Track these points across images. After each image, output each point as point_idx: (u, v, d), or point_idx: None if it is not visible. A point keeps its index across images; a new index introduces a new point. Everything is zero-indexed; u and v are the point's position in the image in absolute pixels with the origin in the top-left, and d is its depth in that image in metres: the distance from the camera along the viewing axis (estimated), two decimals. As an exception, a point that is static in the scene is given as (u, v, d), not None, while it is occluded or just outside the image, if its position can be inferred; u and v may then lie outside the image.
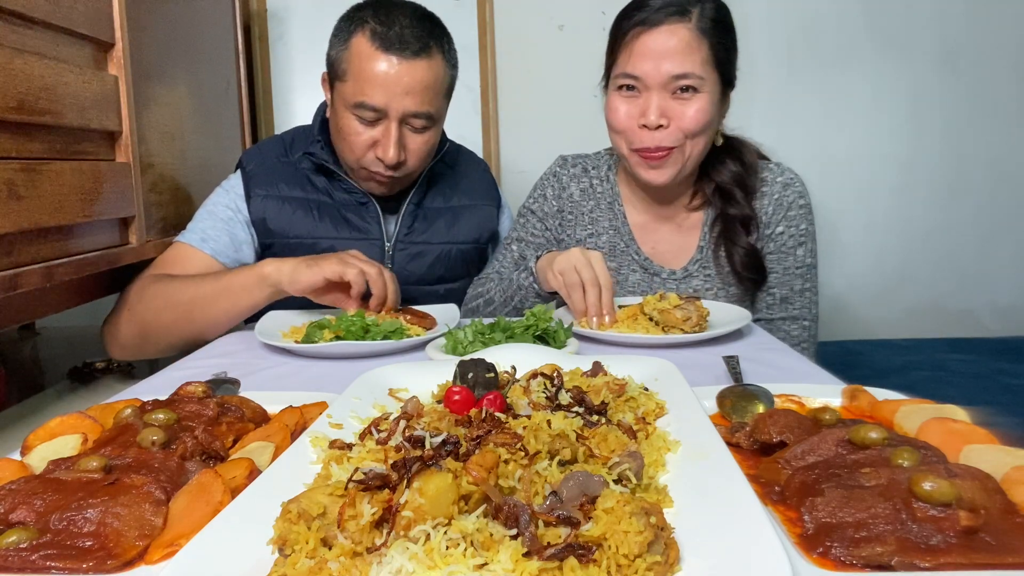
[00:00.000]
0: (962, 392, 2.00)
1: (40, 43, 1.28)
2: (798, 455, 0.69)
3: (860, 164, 2.88)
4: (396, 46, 1.48)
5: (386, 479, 0.57)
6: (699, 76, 1.45)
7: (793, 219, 1.59)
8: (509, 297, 1.55)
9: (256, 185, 1.65)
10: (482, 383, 0.80)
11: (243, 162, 1.70)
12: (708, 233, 1.62)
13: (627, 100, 1.51)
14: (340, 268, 1.36)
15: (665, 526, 0.54)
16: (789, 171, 1.63)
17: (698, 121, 1.47)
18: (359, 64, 1.49)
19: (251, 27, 2.67)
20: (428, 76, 1.51)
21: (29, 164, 1.22)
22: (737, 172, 1.59)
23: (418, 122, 1.54)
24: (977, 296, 2.95)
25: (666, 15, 1.45)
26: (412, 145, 1.57)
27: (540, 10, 2.78)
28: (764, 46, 2.78)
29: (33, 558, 0.56)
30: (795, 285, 1.60)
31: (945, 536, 0.53)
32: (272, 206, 1.63)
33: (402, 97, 1.49)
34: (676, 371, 0.90)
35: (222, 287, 1.42)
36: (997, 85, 2.83)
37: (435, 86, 1.53)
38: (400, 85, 1.48)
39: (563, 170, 1.75)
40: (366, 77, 1.48)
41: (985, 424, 0.73)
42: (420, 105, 1.51)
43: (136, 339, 1.51)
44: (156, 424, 0.77)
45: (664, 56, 1.44)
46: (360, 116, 1.51)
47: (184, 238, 1.61)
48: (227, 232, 1.62)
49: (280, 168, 1.67)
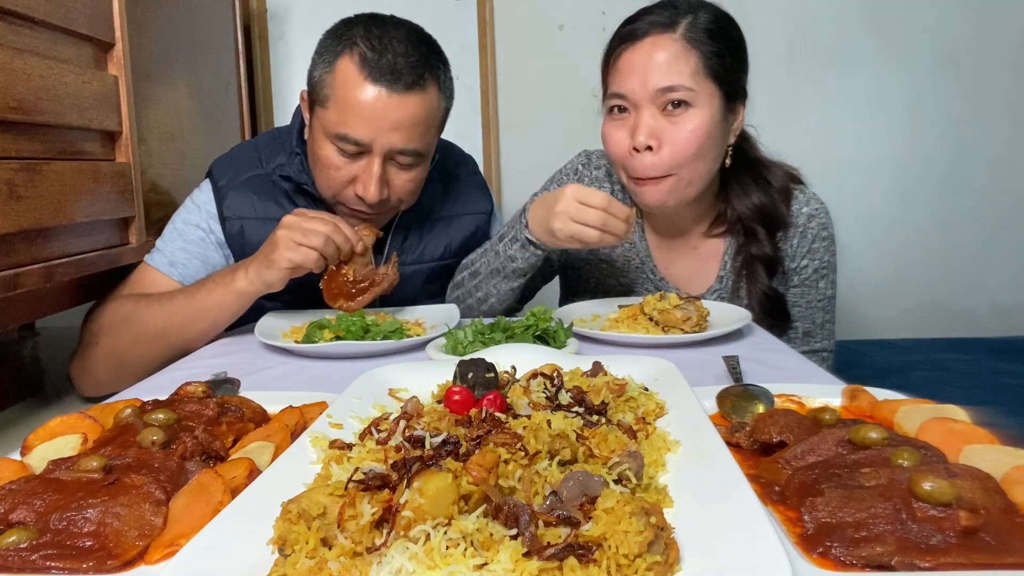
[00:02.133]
0: (962, 392, 1.99)
1: (40, 43, 1.28)
2: (798, 455, 0.69)
3: (860, 164, 2.88)
4: (387, 77, 1.33)
5: (386, 479, 0.57)
6: (688, 88, 1.36)
7: (816, 252, 1.53)
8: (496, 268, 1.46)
9: (229, 206, 1.51)
10: (482, 383, 0.80)
11: (214, 174, 1.56)
12: (728, 263, 1.55)
13: (618, 124, 1.44)
14: (295, 257, 1.27)
15: (665, 526, 0.54)
16: (815, 200, 1.55)
17: (692, 142, 1.37)
18: (344, 92, 1.35)
19: (251, 27, 2.67)
20: (420, 111, 1.37)
21: (29, 164, 1.22)
22: (760, 204, 1.50)
23: (405, 159, 1.40)
24: (977, 296, 2.95)
25: (650, 28, 1.39)
26: (396, 182, 1.43)
27: (540, 10, 2.78)
28: (764, 46, 2.76)
29: (33, 558, 0.56)
30: (817, 318, 1.56)
31: (945, 536, 0.53)
32: (249, 226, 1.50)
33: (389, 133, 1.35)
34: (676, 371, 0.90)
35: (197, 310, 1.34)
36: (997, 85, 2.83)
37: (427, 121, 1.39)
38: (388, 120, 1.34)
39: (586, 169, 1.66)
40: (351, 108, 1.34)
41: (985, 424, 0.73)
42: (408, 142, 1.37)
43: (111, 374, 1.38)
44: (156, 424, 0.77)
45: (648, 70, 1.37)
46: (341, 148, 1.37)
47: (152, 260, 1.50)
48: (198, 256, 1.50)
49: (254, 183, 1.52)
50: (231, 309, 1.34)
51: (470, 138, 2.74)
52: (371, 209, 1.43)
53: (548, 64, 2.79)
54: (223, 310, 1.34)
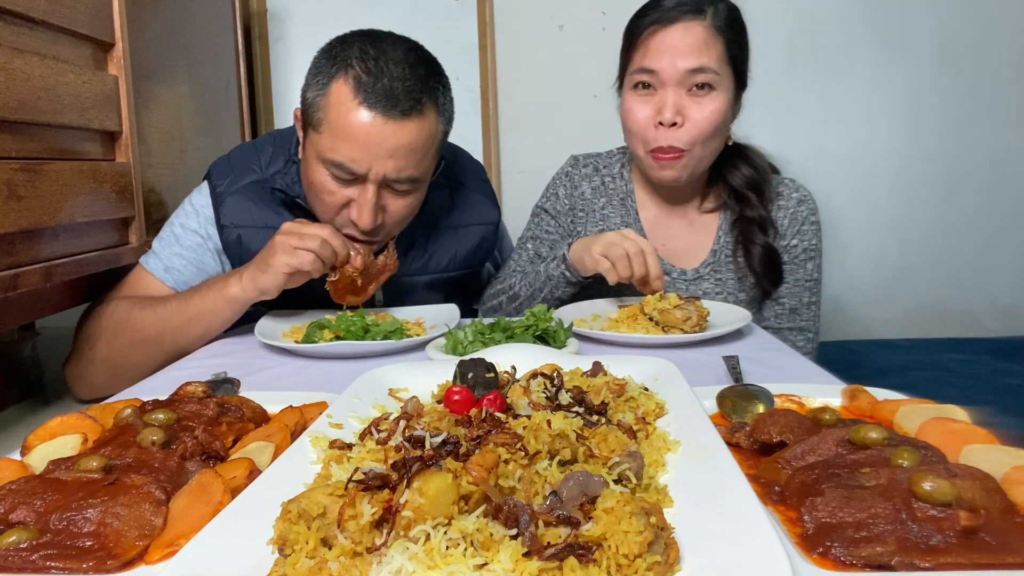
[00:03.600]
0: (962, 392, 2.00)
1: (40, 43, 1.28)
2: (798, 455, 0.69)
3: (860, 164, 2.88)
4: (383, 103, 1.27)
5: (386, 479, 0.57)
6: (715, 72, 1.46)
7: (805, 234, 1.63)
8: (537, 290, 1.53)
9: (226, 214, 1.47)
10: (482, 383, 0.80)
11: (212, 178, 1.52)
12: (723, 237, 1.64)
13: (642, 99, 1.52)
14: (292, 261, 1.26)
15: (665, 526, 0.54)
16: (804, 188, 1.67)
17: (712, 122, 1.48)
18: (338, 117, 1.29)
19: (251, 27, 2.67)
20: (418, 138, 1.31)
21: (29, 164, 1.22)
22: (750, 175, 1.61)
23: (401, 186, 1.36)
24: (977, 296, 2.95)
25: (681, 13, 1.47)
26: (392, 208, 1.38)
27: (540, 10, 2.78)
28: (764, 46, 2.76)
29: (33, 558, 0.56)
30: (803, 298, 1.63)
31: (945, 536, 0.53)
32: (247, 235, 1.46)
33: (385, 160, 1.30)
34: (676, 371, 0.90)
35: (190, 316, 1.33)
36: (997, 85, 2.83)
37: (424, 147, 1.34)
38: (384, 148, 1.29)
39: (575, 169, 1.77)
40: (345, 134, 1.29)
41: (985, 424, 0.73)
42: (404, 170, 1.32)
43: (106, 378, 1.37)
44: (156, 424, 0.77)
45: (680, 52, 1.46)
46: (335, 175, 1.33)
47: (148, 265, 1.47)
48: (194, 263, 1.48)
49: (252, 190, 1.49)
50: (223, 315, 1.34)
51: (470, 138, 2.74)
52: (364, 235, 1.40)
53: (548, 64, 2.79)
54: (215, 316, 1.33)
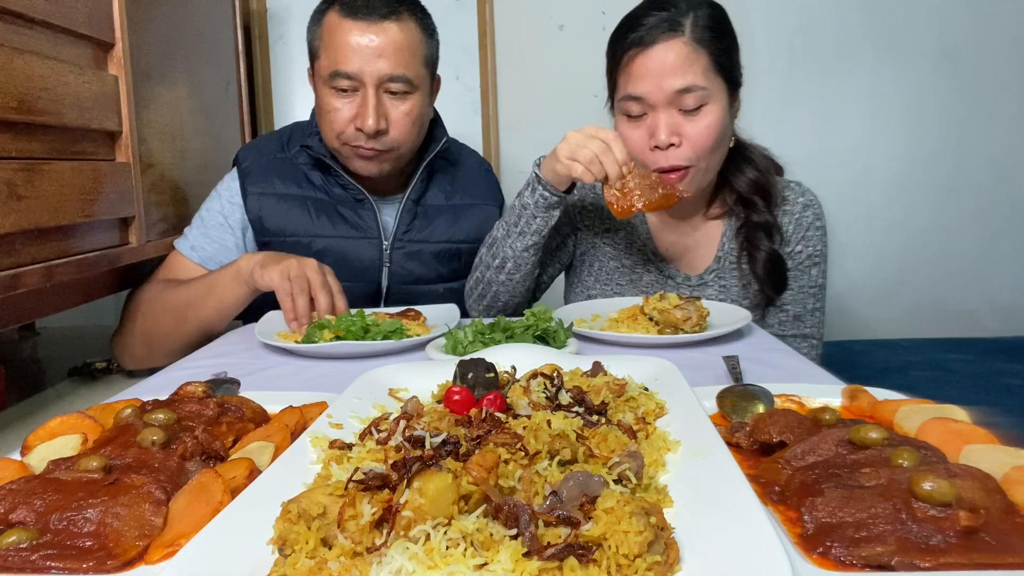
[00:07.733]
0: (962, 392, 1.99)
1: (40, 43, 1.28)
2: (798, 455, 0.69)
3: (860, 164, 2.88)
4: (363, 11, 1.49)
5: (386, 479, 0.57)
6: (703, 87, 1.42)
7: (810, 239, 1.61)
8: (512, 224, 1.52)
9: (252, 182, 1.65)
10: (482, 383, 0.80)
11: (239, 159, 1.71)
12: (727, 243, 1.62)
13: (635, 126, 1.49)
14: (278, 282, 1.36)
15: (665, 526, 0.54)
16: (810, 192, 1.64)
17: (711, 135, 1.45)
18: (330, 36, 1.52)
19: (251, 27, 2.67)
20: (400, 38, 1.51)
21: (29, 164, 1.22)
22: (755, 179, 1.59)
23: (396, 86, 1.53)
24: (977, 296, 2.94)
25: (659, 33, 1.43)
26: (393, 114, 1.55)
27: (540, 10, 2.78)
28: (764, 46, 2.78)
29: (33, 558, 0.56)
30: (808, 304, 1.62)
31: (945, 536, 0.53)
32: (268, 203, 1.63)
33: (375, 60, 1.49)
34: (676, 371, 0.90)
35: (207, 286, 1.46)
36: (997, 85, 2.83)
37: (409, 48, 1.53)
38: (372, 48, 1.49)
39: None
40: (337, 46, 1.50)
41: (985, 424, 0.73)
42: (395, 68, 1.51)
43: (143, 348, 1.55)
44: (156, 424, 0.77)
45: (664, 74, 1.42)
46: (337, 87, 1.52)
47: (179, 245, 1.65)
48: (216, 240, 1.64)
49: (276, 164, 1.67)
50: (232, 288, 1.43)
51: (470, 138, 2.73)
52: (372, 145, 1.55)
53: (548, 64, 2.79)
54: (226, 286, 1.44)
